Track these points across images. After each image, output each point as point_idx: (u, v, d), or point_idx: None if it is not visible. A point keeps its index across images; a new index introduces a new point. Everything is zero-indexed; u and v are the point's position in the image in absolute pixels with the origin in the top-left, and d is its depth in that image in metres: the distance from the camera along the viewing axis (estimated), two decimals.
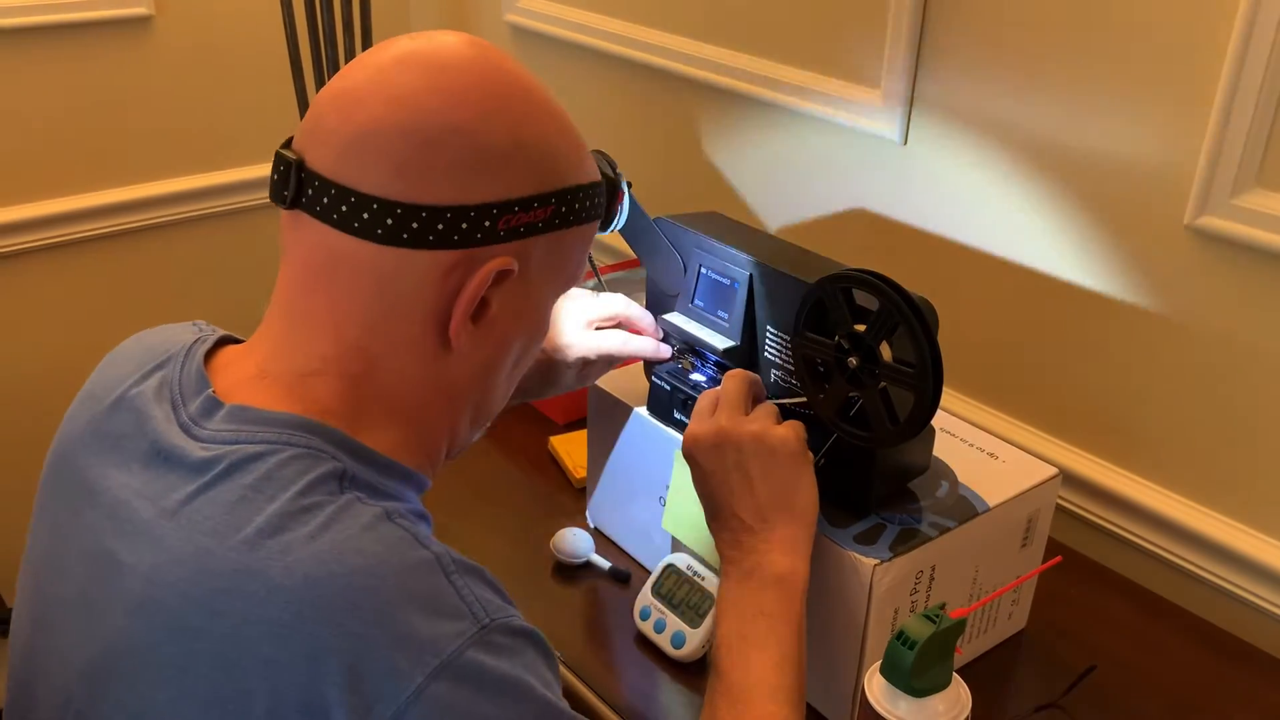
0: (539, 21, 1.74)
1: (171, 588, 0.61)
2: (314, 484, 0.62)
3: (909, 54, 1.22)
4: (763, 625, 0.79)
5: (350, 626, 0.58)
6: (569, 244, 0.72)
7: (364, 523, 0.61)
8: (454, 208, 0.64)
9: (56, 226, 1.77)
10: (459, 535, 1.15)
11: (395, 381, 0.69)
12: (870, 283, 0.81)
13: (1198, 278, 1.07)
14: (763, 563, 0.81)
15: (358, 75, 0.66)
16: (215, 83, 1.85)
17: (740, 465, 0.84)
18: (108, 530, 0.65)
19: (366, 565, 0.59)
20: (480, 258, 0.66)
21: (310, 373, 0.67)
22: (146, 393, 0.70)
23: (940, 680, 0.73)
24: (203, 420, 0.66)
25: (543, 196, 0.67)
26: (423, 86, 0.64)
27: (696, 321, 1.00)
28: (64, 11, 1.67)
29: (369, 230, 0.64)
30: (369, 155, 0.64)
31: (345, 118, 0.65)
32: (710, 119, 1.52)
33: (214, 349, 0.73)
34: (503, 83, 0.67)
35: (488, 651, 0.60)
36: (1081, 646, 1.03)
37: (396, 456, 0.69)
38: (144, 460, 0.67)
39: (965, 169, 1.23)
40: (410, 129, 0.63)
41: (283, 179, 0.66)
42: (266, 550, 0.59)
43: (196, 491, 0.63)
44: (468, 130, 0.64)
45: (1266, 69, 0.95)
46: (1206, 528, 1.11)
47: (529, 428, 1.33)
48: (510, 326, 0.71)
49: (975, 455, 0.99)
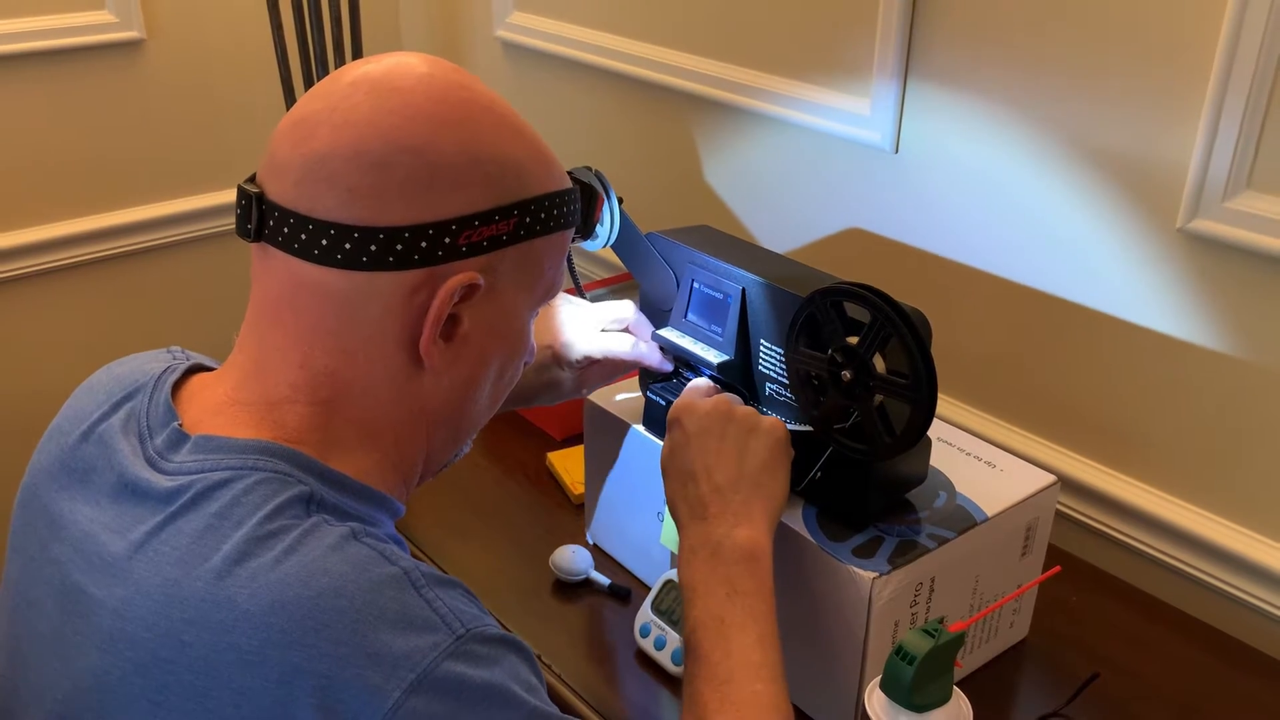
0: (529, 37, 1.74)
1: (140, 621, 0.61)
2: (280, 508, 0.62)
3: (898, 63, 1.22)
4: (739, 604, 0.78)
5: (320, 647, 0.57)
6: (540, 253, 0.71)
7: (330, 543, 0.61)
8: (411, 227, 0.64)
9: (51, 252, 1.77)
10: (457, 553, 1.15)
11: (368, 405, 0.68)
12: (861, 295, 0.81)
13: (1191, 281, 1.06)
14: (730, 535, 0.80)
15: (311, 104, 0.66)
16: (208, 106, 1.86)
17: (727, 435, 0.85)
18: (77, 564, 0.65)
19: (334, 585, 0.59)
20: (444, 274, 0.66)
21: (280, 401, 0.67)
22: (114, 426, 0.70)
23: (941, 695, 0.73)
24: (169, 453, 0.66)
25: (504, 209, 0.67)
26: (372, 109, 0.64)
27: (690, 336, 1.00)
28: (56, 37, 1.67)
29: (329, 256, 0.64)
30: (322, 182, 0.64)
31: (298, 147, 0.65)
32: (701, 132, 1.52)
33: (185, 377, 0.73)
34: (455, 99, 0.66)
35: (466, 662, 0.60)
36: (1084, 654, 1.03)
37: (369, 480, 0.69)
38: (112, 494, 0.67)
39: (957, 176, 1.23)
40: (360, 151, 0.63)
41: (245, 213, 0.67)
42: (234, 578, 0.59)
43: (163, 523, 0.63)
44: (418, 148, 0.64)
45: (1255, 71, 0.95)
46: (1206, 531, 1.11)
47: (527, 444, 1.33)
48: (486, 342, 0.71)
49: (973, 464, 0.99)
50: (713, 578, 0.79)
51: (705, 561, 0.80)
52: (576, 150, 1.68)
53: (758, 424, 0.86)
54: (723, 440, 0.85)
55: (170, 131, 1.84)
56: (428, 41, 2.00)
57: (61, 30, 1.67)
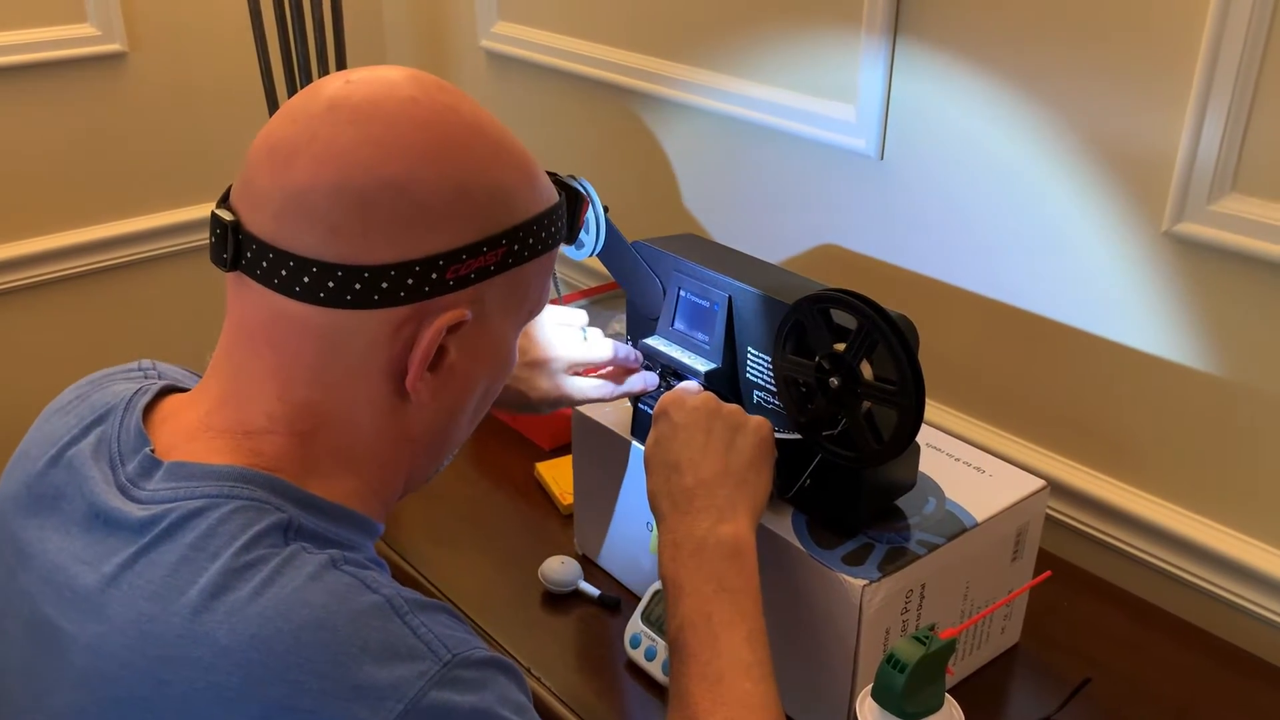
0: (514, 47, 1.74)
1: (114, 659, 0.59)
2: (257, 538, 0.60)
3: (883, 71, 1.23)
4: (726, 601, 0.77)
5: (304, 683, 0.56)
6: (528, 278, 0.69)
7: (309, 572, 0.59)
8: (396, 265, 0.61)
9: (32, 266, 1.76)
10: (445, 564, 1.14)
11: (349, 435, 0.67)
12: (847, 302, 0.81)
13: (1177, 283, 1.07)
14: (714, 531, 0.79)
15: (289, 127, 0.63)
16: (191, 119, 1.85)
17: (714, 429, 0.85)
18: (47, 597, 0.63)
19: (315, 617, 0.58)
20: (431, 309, 0.63)
21: (257, 431, 0.65)
22: (84, 451, 0.68)
23: (933, 702, 0.72)
24: (141, 480, 0.64)
25: (492, 239, 0.64)
26: (352, 139, 0.61)
27: (677, 345, 0.99)
28: (38, 50, 1.67)
29: (311, 294, 0.62)
30: (302, 218, 0.61)
31: (277, 178, 0.62)
32: (687, 140, 1.52)
33: (157, 398, 0.70)
34: (441, 124, 0.63)
35: (453, 688, 0.58)
36: (1076, 658, 1.02)
37: (348, 503, 0.67)
38: (83, 523, 0.64)
39: (942, 182, 1.23)
40: (342, 188, 0.61)
41: (220, 241, 0.64)
42: (211, 613, 0.57)
43: (137, 554, 0.61)
44: (402, 183, 0.61)
45: (1238, 74, 0.95)
46: (1196, 533, 1.11)
47: (515, 455, 1.32)
48: (471, 369, 0.69)
49: (962, 470, 0.99)
50: (699, 574, 0.78)
51: (691, 557, 0.79)
52: (562, 160, 1.67)
53: (744, 421, 0.86)
54: (709, 434, 0.85)
55: (153, 145, 1.83)
56: (412, 52, 2.00)
57: (43, 43, 1.67)
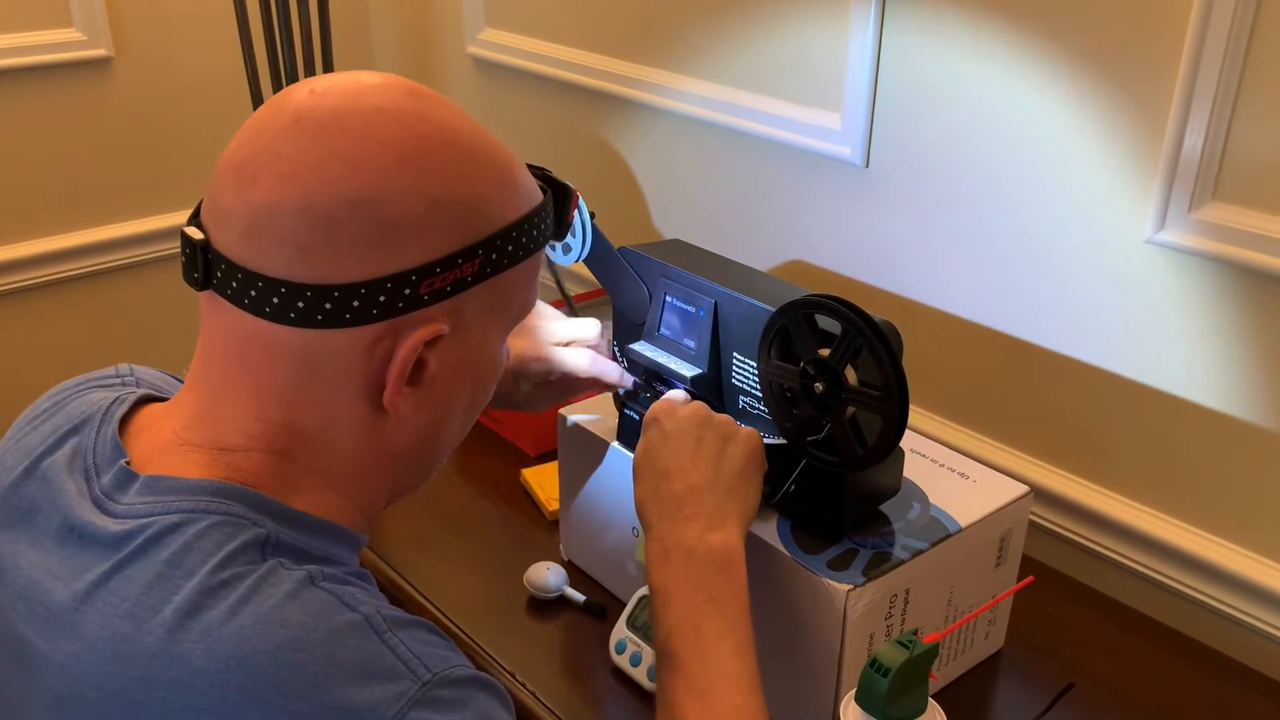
0: (501, 53, 1.74)
1: (88, 679, 0.58)
2: (234, 554, 0.59)
3: (869, 79, 1.23)
4: (715, 611, 0.76)
5: (282, 705, 0.55)
6: (509, 284, 0.67)
7: (286, 590, 0.58)
8: (367, 283, 0.60)
9: (16, 271, 1.75)
10: (430, 571, 1.14)
11: (329, 453, 0.65)
12: (831, 307, 0.81)
13: (1159, 291, 1.07)
14: (703, 539, 0.79)
15: (253, 143, 0.62)
16: (177, 124, 1.85)
17: (705, 438, 0.85)
18: (20, 613, 0.62)
19: (292, 638, 0.56)
20: (407, 325, 0.62)
21: (234, 448, 0.64)
22: (59, 462, 0.66)
23: (916, 707, 0.73)
24: (117, 494, 0.63)
25: (468, 250, 0.62)
26: (317, 157, 0.59)
27: (663, 350, 0.99)
28: (23, 55, 1.66)
29: (281, 314, 0.60)
30: (269, 239, 0.59)
31: (243, 196, 0.60)
32: (674, 147, 1.52)
33: (134, 408, 0.69)
34: (409, 136, 0.61)
35: (433, 708, 0.57)
36: (1060, 664, 1.03)
37: (329, 516, 0.66)
38: (57, 537, 0.63)
39: (927, 189, 1.23)
40: (308, 208, 0.59)
41: (190, 261, 0.63)
42: (186, 632, 0.56)
43: (111, 570, 0.59)
44: (370, 200, 0.59)
45: (1219, 82, 0.96)
46: (1179, 540, 1.11)
47: (501, 460, 1.32)
48: (454, 379, 0.67)
49: (946, 475, 0.99)
50: (688, 583, 0.78)
51: (680, 565, 0.78)
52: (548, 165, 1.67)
53: (735, 431, 0.86)
54: (700, 442, 0.84)
55: (139, 150, 1.82)
56: (399, 59, 2.00)
57: (28, 48, 1.66)
